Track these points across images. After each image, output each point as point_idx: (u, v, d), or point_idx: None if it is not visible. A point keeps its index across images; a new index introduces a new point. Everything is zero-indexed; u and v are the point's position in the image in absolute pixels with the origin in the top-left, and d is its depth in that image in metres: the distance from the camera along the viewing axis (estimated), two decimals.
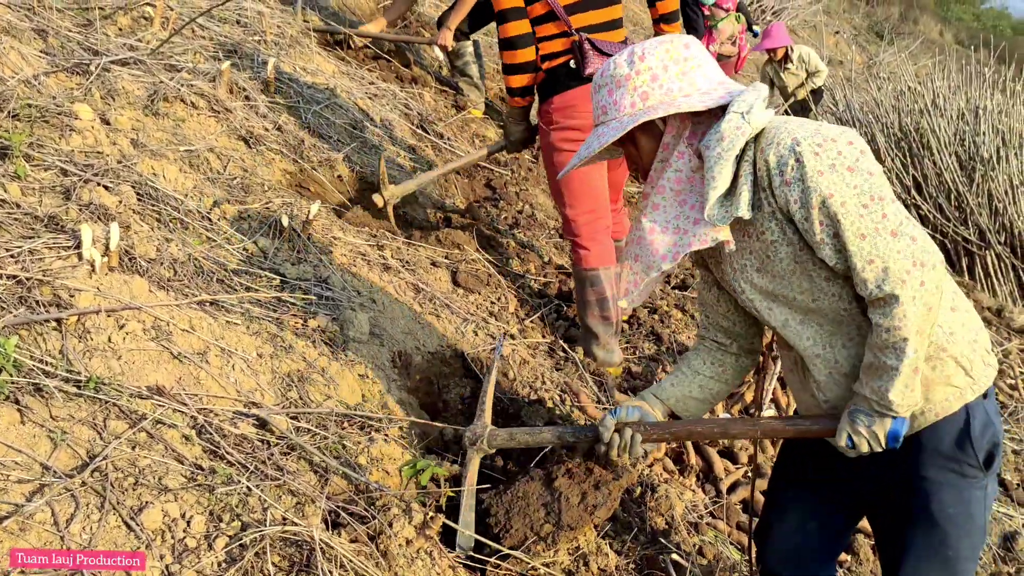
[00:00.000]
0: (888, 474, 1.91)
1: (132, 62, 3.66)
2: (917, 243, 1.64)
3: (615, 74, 1.84)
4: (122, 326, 2.21)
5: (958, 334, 1.81)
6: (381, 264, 3.43)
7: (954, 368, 1.80)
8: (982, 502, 1.86)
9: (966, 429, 1.81)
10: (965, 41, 22.60)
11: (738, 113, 1.73)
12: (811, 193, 1.65)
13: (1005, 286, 7.32)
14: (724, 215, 1.74)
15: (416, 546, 2.04)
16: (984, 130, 7.70)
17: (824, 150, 1.66)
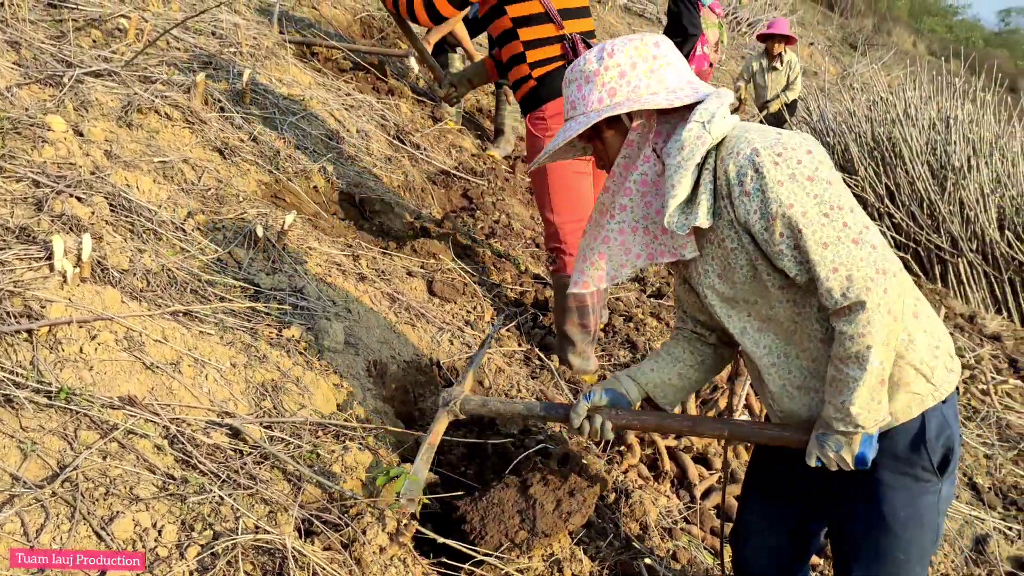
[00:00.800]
0: (845, 476, 1.92)
1: (106, 74, 3.66)
2: (878, 251, 1.65)
3: (584, 69, 1.86)
4: (94, 337, 2.21)
5: (919, 341, 1.82)
6: (356, 274, 3.43)
7: (914, 375, 1.81)
8: (935, 506, 1.88)
9: (921, 433, 1.84)
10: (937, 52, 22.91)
11: (699, 123, 1.74)
12: (771, 204, 1.66)
13: (977, 293, 7.42)
14: (683, 223, 1.76)
15: (390, 553, 2.05)
16: (955, 139, 7.81)
17: (784, 159, 1.66)
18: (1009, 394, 5.46)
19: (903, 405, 1.82)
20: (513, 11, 3.33)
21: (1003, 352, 6.25)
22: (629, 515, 2.74)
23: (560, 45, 3.32)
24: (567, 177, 3.43)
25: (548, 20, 3.31)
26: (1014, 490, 4.32)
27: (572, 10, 3.36)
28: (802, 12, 19.90)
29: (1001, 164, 7.72)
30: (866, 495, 1.90)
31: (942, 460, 1.86)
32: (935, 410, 1.84)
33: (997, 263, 7.38)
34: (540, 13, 3.31)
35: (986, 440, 4.75)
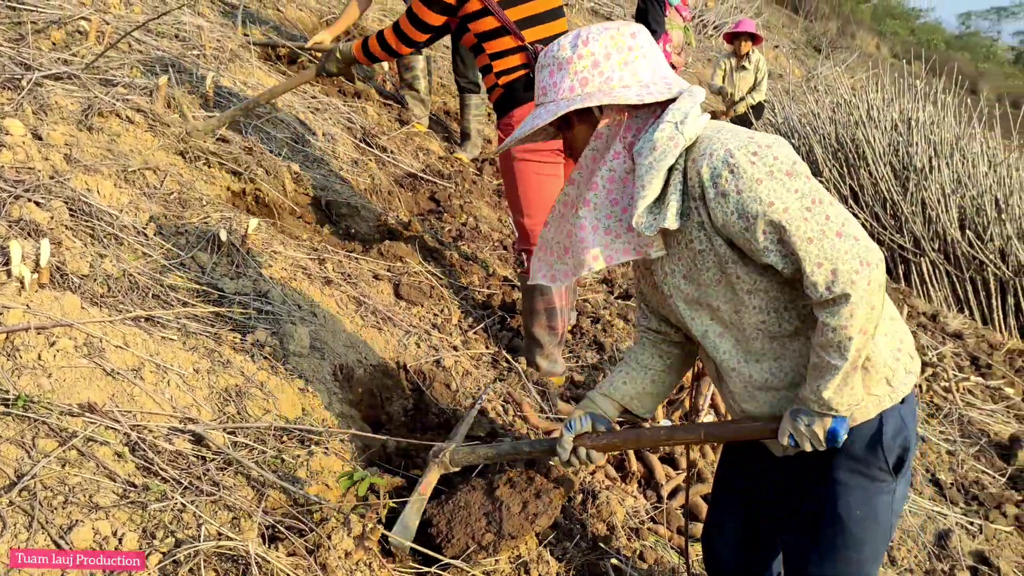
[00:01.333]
0: (803, 474, 1.94)
1: (66, 77, 3.61)
2: (860, 242, 1.64)
3: (558, 55, 1.83)
4: (53, 343, 2.18)
5: (881, 344, 1.83)
6: (322, 278, 3.41)
7: (875, 378, 1.82)
8: (889, 506, 1.90)
9: (878, 434, 1.85)
10: (900, 55, 23.25)
11: (672, 123, 1.72)
12: (751, 203, 1.64)
13: (940, 292, 7.53)
14: (651, 224, 1.74)
15: (356, 558, 2.04)
16: (917, 141, 7.93)
17: (760, 158, 1.65)
18: (971, 391, 5.55)
19: (862, 406, 1.82)
20: (474, 27, 3.42)
21: (964, 350, 6.35)
22: (596, 516, 2.75)
23: (523, 54, 3.37)
24: (538, 179, 3.45)
25: (506, 33, 3.36)
26: (975, 486, 4.39)
27: (533, 17, 3.39)
28: (767, 15, 20.11)
29: (962, 165, 7.85)
30: (822, 494, 1.91)
31: (897, 460, 1.88)
32: (893, 411, 1.85)
33: (958, 262, 7.50)
34: (497, 27, 3.37)
35: (948, 437, 4.82)
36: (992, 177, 7.71)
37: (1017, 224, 7.43)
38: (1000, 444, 4.95)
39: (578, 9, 13.39)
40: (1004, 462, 4.76)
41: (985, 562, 3.73)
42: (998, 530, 4.03)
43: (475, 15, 3.37)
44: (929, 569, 3.54)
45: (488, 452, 2.39)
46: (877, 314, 1.70)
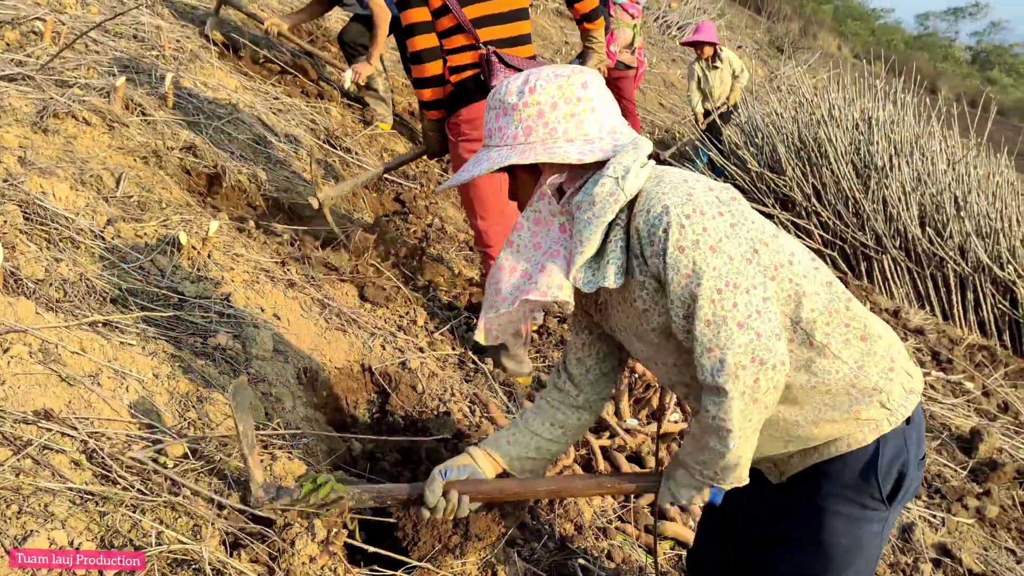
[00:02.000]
0: (791, 500, 1.88)
1: (20, 78, 3.54)
2: (761, 340, 1.56)
3: (504, 100, 1.76)
4: (6, 350, 2.13)
5: (868, 367, 1.75)
6: (285, 280, 3.38)
7: (866, 403, 1.75)
8: (878, 535, 1.84)
9: (874, 461, 1.78)
10: (861, 55, 23.56)
11: (613, 178, 1.66)
12: (669, 269, 1.59)
13: (901, 288, 7.64)
14: (590, 281, 1.69)
15: (320, 563, 2.01)
16: (877, 139, 8.04)
17: (690, 223, 1.58)
18: (932, 386, 5.63)
19: (854, 431, 1.78)
20: (436, 26, 3.38)
21: (926, 345, 6.45)
22: (563, 516, 2.75)
23: (474, 53, 3.34)
24: (490, 179, 3.43)
25: (461, 31, 3.34)
26: (938, 479, 4.45)
27: (492, 16, 3.37)
28: (730, 16, 20.29)
29: (921, 163, 7.97)
30: (807, 520, 1.84)
31: (893, 488, 1.80)
32: (895, 434, 1.79)
33: (919, 259, 7.61)
34: (454, 25, 3.35)
35: None
36: (951, 175, 7.84)
37: (976, 221, 7.56)
38: (961, 438, 5.02)
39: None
40: (965, 455, 4.84)
41: (948, 554, 3.78)
42: (960, 523, 4.09)
43: (437, 12, 3.34)
44: (893, 562, 3.58)
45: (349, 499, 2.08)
46: (764, 413, 1.64)
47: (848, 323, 1.75)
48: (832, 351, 1.73)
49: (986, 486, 4.49)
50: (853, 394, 1.75)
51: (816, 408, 1.76)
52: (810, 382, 1.74)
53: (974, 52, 54.35)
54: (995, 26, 62.53)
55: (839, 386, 1.74)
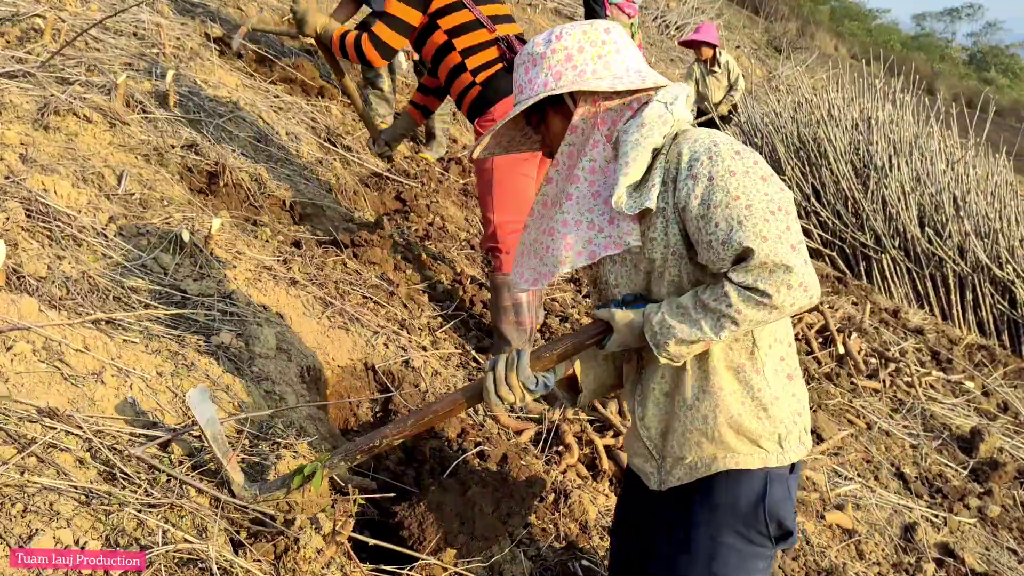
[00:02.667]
0: (686, 524, 1.87)
1: (21, 75, 3.52)
2: (808, 267, 1.60)
3: (532, 52, 1.85)
4: (9, 347, 2.11)
5: (783, 402, 1.81)
6: (288, 279, 3.36)
7: (768, 433, 1.80)
8: (766, 572, 1.86)
9: (762, 496, 1.81)
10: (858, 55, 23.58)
11: (662, 103, 1.74)
12: (717, 192, 1.61)
13: (900, 288, 7.64)
14: (632, 204, 1.71)
15: (327, 555, 2.00)
16: (877, 139, 8.04)
17: (741, 157, 1.64)
18: (932, 386, 5.63)
19: (746, 451, 1.80)
20: (445, 23, 3.38)
21: (926, 345, 6.45)
22: (568, 515, 2.74)
23: (496, 47, 3.35)
24: (512, 177, 3.43)
25: (480, 26, 3.33)
26: (939, 479, 4.45)
27: (500, 16, 3.40)
28: (728, 16, 20.29)
29: (920, 163, 7.98)
30: (701, 550, 1.83)
31: (778, 530, 1.83)
32: (781, 478, 1.83)
33: (918, 259, 7.62)
34: (471, 20, 3.33)
35: (912, 431, 4.88)
36: (950, 175, 7.85)
37: (975, 221, 7.57)
38: (962, 437, 5.03)
39: (541, 9, 13.41)
40: (966, 455, 4.84)
41: (950, 554, 3.78)
42: (962, 522, 4.09)
43: (447, 9, 3.34)
44: (896, 562, 3.58)
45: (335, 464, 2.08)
46: (764, 329, 1.71)
47: (783, 358, 1.82)
48: (764, 372, 1.78)
49: (987, 486, 4.49)
50: (762, 418, 1.79)
51: (734, 411, 1.78)
52: (741, 382, 1.78)
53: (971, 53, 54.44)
54: (991, 27, 62.66)
55: (755, 404, 1.78)
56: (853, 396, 4.92)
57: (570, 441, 3.08)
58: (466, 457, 2.68)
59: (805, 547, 3.21)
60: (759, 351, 1.77)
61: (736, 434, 1.79)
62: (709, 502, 1.83)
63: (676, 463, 1.87)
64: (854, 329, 5.76)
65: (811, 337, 5.35)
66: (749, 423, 1.78)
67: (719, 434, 1.79)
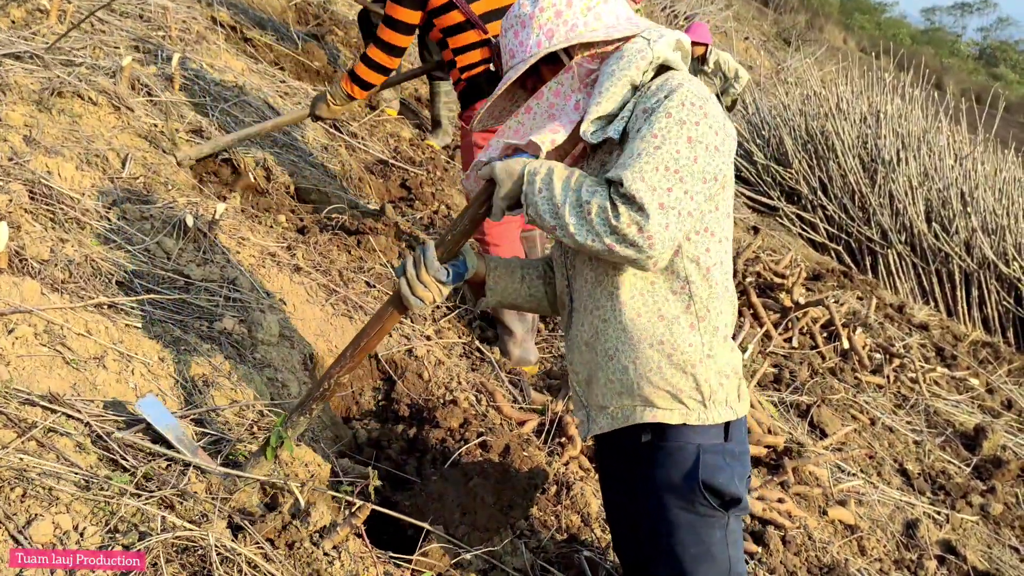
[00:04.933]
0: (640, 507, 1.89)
1: (26, 56, 3.50)
2: (668, 234, 1.60)
3: (520, 14, 1.81)
4: (11, 330, 2.10)
5: (713, 361, 1.79)
6: (292, 265, 3.35)
7: (691, 386, 1.78)
8: (723, 540, 1.84)
9: (694, 471, 1.79)
10: (867, 48, 23.46)
11: (645, 39, 1.72)
12: (645, 124, 1.63)
13: (906, 283, 7.61)
14: (597, 134, 1.72)
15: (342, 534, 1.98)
16: (885, 133, 7.99)
17: (690, 109, 1.63)
18: (936, 382, 5.61)
19: (663, 405, 1.79)
20: (439, 23, 3.42)
21: (930, 341, 6.43)
22: (570, 507, 2.72)
23: (484, 49, 3.37)
24: None
25: (471, 26, 3.36)
26: (942, 475, 4.44)
27: (498, 11, 3.40)
28: (737, 7, 20.18)
29: (928, 158, 7.94)
30: (657, 529, 1.85)
31: (721, 499, 1.81)
32: (714, 450, 1.80)
33: (924, 255, 7.59)
34: (462, 21, 3.37)
35: (915, 427, 4.87)
36: (958, 171, 7.81)
37: (982, 217, 7.53)
38: (965, 434, 5.01)
39: None
40: (969, 452, 4.82)
41: (952, 551, 3.77)
42: (964, 519, 4.08)
43: (441, 9, 3.36)
44: (898, 559, 3.57)
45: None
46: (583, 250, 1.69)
47: (721, 315, 1.80)
48: (699, 328, 1.77)
49: (990, 483, 4.48)
50: (687, 374, 1.77)
51: (654, 364, 1.77)
52: (665, 335, 1.76)
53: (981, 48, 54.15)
54: (1002, 22, 62.27)
55: (680, 359, 1.76)
56: (857, 391, 4.90)
57: (573, 433, 3.07)
58: (468, 447, 2.67)
59: (807, 542, 3.20)
60: (695, 305, 1.76)
61: (655, 388, 1.78)
62: (649, 482, 1.84)
63: (599, 412, 1.89)
64: (859, 324, 5.74)
65: (816, 332, 5.33)
66: (671, 378, 1.77)
67: (638, 386, 1.79)
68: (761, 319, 5.11)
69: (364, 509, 1.99)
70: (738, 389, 1.86)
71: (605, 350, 1.82)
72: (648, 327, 1.77)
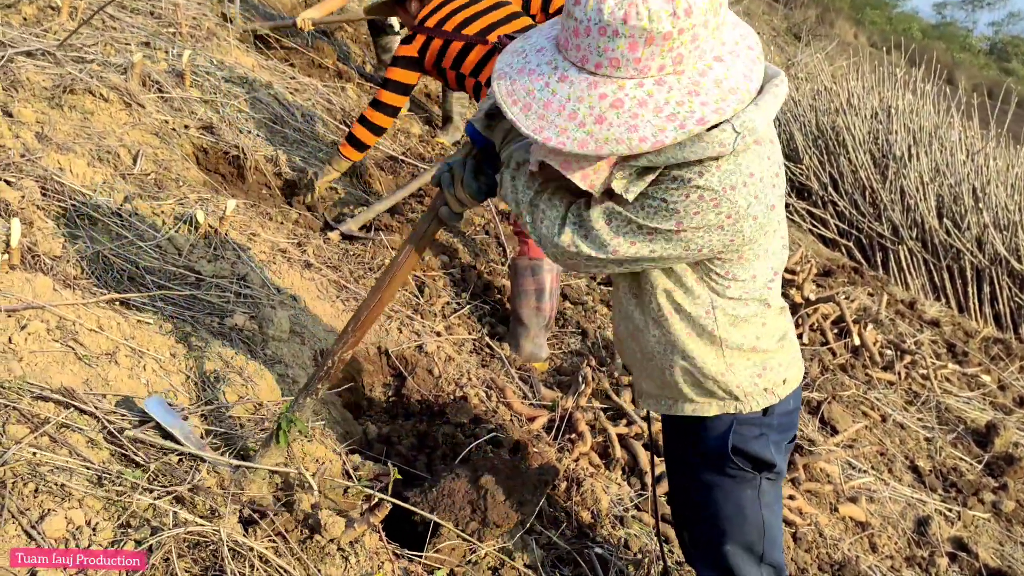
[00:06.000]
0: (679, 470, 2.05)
1: (38, 53, 3.51)
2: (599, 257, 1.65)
3: (649, 28, 1.35)
4: (24, 326, 2.11)
5: (741, 365, 1.82)
6: (302, 261, 3.35)
7: (722, 391, 1.84)
8: (756, 500, 1.91)
9: (725, 438, 1.87)
10: (878, 43, 23.32)
11: (735, 131, 1.46)
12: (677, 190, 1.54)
13: (917, 280, 7.57)
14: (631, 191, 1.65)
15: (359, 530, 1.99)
16: (896, 129, 7.94)
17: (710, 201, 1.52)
18: (948, 379, 5.58)
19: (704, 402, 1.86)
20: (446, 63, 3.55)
21: (942, 338, 6.39)
22: (580, 503, 2.72)
23: (496, 55, 3.38)
24: None
25: (474, 45, 3.45)
26: (953, 472, 4.42)
27: (492, 25, 3.48)
28: (747, 2, 20.09)
29: (940, 153, 7.89)
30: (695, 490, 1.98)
31: (754, 461, 1.89)
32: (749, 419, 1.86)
33: (936, 251, 7.54)
34: (463, 46, 3.47)
35: (926, 424, 4.84)
36: (970, 166, 7.75)
37: (994, 213, 7.48)
38: (977, 431, 4.98)
39: None
40: (981, 449, 4.80)
41: (964, 548, 3.75)
42: (976, 517, 4.06)
43: (440, 54, 3.51)
44: (909, 556, 3.56)
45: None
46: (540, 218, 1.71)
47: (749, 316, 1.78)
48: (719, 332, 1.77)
49: (1002, 480, 4.45)
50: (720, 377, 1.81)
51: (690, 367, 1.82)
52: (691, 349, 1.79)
53: (992, 42, 53.80)
54: (1014, 16, 61.82)
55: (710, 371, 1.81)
56: (868, 388, 4.88)
57: (583, 429, 3.06)
58: (479, 444, 2.67)
59: (818, 539, 3.19)
60: (719, 331, 1.77)
61: (691, 388, 1.85)
62: (686, 451, 1.96)
63: (644, 396, 2.00)
64: (870, 320, 5.71)
65: (826, 328, 5.30)
66: (703, 383, 1.83)
67: (675, 385, 1.86)
68: None
69: (383, 507, 2.00)
70: (784, 374, 1.88)
71: (643, 350, 1.88)
72: (679, 341, 1.80)
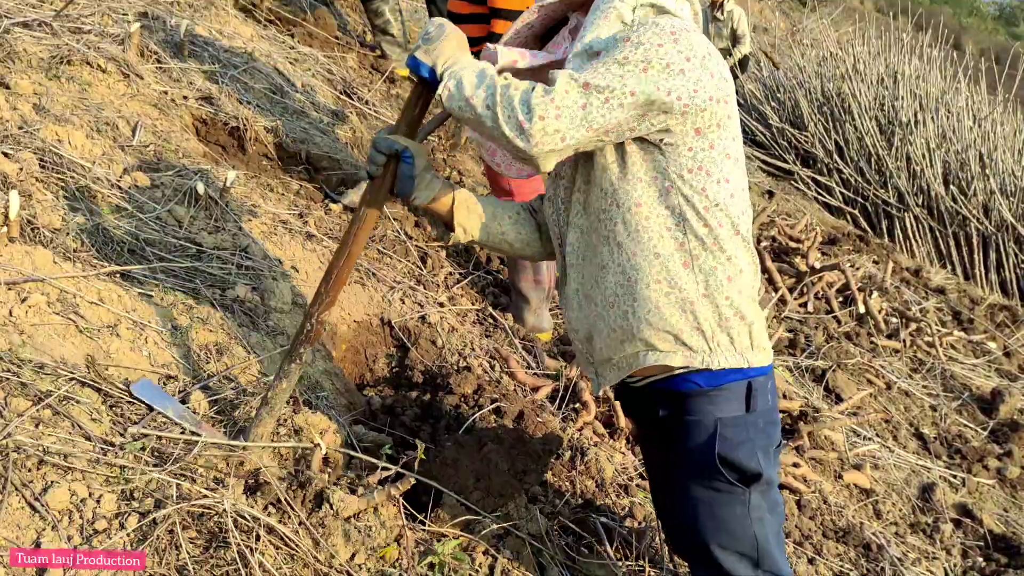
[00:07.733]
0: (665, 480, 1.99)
1: (35, 24, 3.47)
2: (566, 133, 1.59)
3: None
4: (24, 299, 2.10)
5: (717, 298, 1.74)
6: (304, 233, 3.33)
7: (690, 325, 1.74)
8: (745, 516, 1.82)
9: (711, 444, 1.78)
10: (884, 8, 23.04)
11: None
12: (626, 38, 1.63)
13: (923, 247, 7.54)
14: (579, 66, 1.70)
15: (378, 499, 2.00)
16: (902, 95, 7.87)
17: (669, 32, 1.63)
18: (953, 346, 5.58)
19: (665, 348, 1.76)
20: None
21: (947, 305, 6.37)
22: (585, 473, 2.73)
23: None
24: None
25: None
26: (958, 439, 4.42)
27: None
28: None
29: (947, 119, 7.82)
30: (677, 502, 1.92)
31: (742, 474, 1.80)
32: (734, 421, 1.78)
33: (942, 217, 7.50)
34: None
35: (931, 391, 4.84)
36: (976, 132, 7.69)
37: (1000, 179, 7.43)
38: (982, 398, 4.98)
39: None
40: (986, 416, 4.80)
41: (968, 514, 3.76)
42: (980, 483, 4.07)
43: None
44: (914, 522, 3.57)
45: None
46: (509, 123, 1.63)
47: (727, 256, 1.74)
48: (693, 267, 1.73)
49: (1007, 447, 4.46)
50: (685, 312, 1.73)
51: (652, 303, 1.74)
52: (661, 273, 1.73)
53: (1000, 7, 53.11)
54: None
55: (678, 296, 1.73)
56: (873, 356, 4.88)
57: (587, 399, 3.06)
58: (482, 414, 2.67)
59: (822, 507, 3.19)
60: (689, 243, 1.72)
61: (655, 330, 1.75)
62: (669, 456, 1.88)
63: (605, 365, 1.88)
64: (875, 288, 5.69)
65: (831, 296, 5.29)
66: (669, 317, 1.74)
67: (638, 330, 1.76)
68: (776, 284, 5.08)
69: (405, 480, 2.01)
70: (750, 336, 1.79)
71: (604, 298, 1.80)
72: (644, 266, 1.73)
